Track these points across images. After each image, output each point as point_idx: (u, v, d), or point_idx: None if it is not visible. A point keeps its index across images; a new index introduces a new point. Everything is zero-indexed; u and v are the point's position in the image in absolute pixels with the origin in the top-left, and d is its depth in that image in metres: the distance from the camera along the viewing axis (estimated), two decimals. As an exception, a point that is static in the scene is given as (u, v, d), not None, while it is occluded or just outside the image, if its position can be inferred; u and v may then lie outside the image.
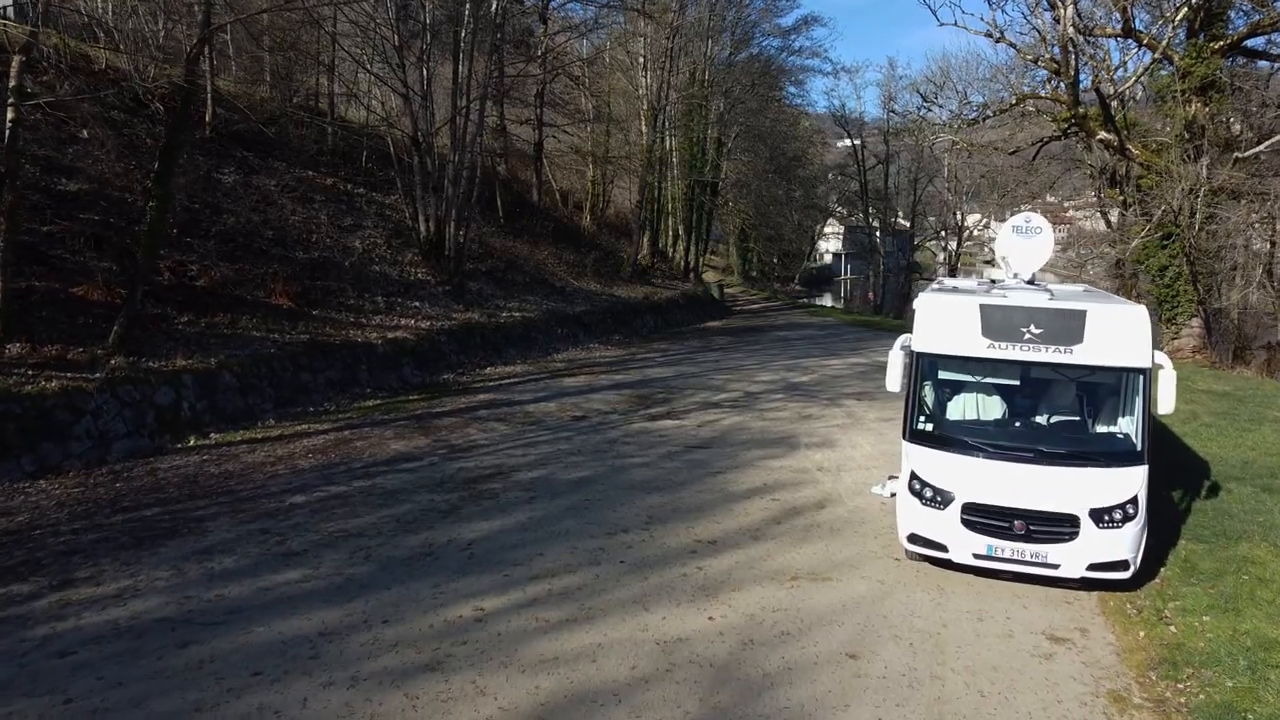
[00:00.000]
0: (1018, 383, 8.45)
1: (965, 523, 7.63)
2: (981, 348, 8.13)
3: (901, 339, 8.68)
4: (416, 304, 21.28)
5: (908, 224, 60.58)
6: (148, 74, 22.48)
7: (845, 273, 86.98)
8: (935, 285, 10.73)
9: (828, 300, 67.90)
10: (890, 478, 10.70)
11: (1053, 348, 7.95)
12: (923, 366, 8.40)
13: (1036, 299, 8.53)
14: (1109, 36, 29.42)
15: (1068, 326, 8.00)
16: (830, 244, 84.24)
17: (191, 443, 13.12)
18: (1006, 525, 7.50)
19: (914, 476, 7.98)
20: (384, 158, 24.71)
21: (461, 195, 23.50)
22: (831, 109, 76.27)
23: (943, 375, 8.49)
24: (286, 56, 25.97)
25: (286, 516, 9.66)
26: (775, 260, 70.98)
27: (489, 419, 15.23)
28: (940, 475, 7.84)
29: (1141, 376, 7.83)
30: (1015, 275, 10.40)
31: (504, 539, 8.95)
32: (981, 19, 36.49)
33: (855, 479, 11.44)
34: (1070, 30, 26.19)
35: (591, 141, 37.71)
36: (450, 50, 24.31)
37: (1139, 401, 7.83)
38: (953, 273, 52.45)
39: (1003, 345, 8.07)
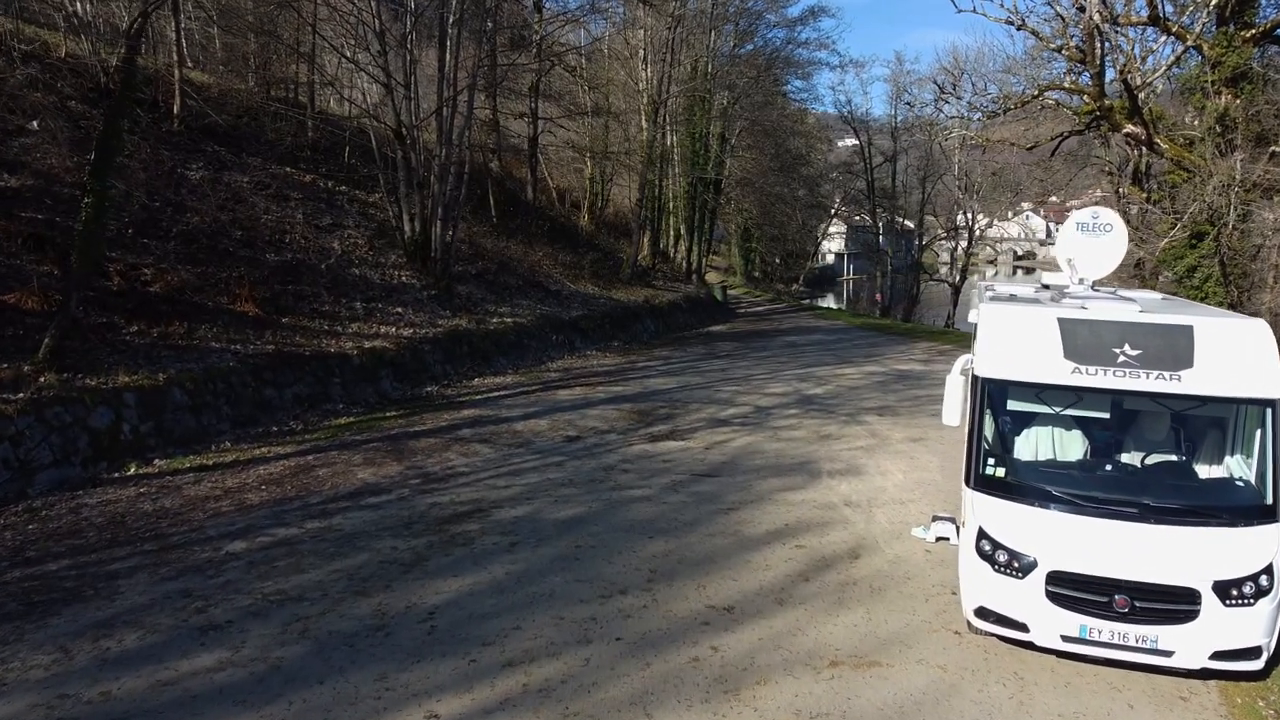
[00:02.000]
0: (1106, 415, 6.86)
1: (1051, 596, 6.04)
2: (1065, 373, 6.55)
3: (961, 361, 7.10)
4: (399, 310, 19.69)
5: (911, 224, 58.97)
6: (109, 62, 20.98)
7: (848, 273, 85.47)
8: (989, 292, 9.16)
9: (830, 301, 66.36)
10: (935, 518, 9.13)
11: (1155, 373, 6.37)
12: (990, 396, 6.80)
13: (1124, 311, 6.96)
14: (1133, 25, 27.90)
15: (1172, 346, 6.43)
16: (833, 244, 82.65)
17: (131, 471, 11.53)
18: (1105, 601, 5.91)
19: (983, 535, 6.38)
20: (368, 153, 23.13)
21: (449, 192, 21.91)
22: (838, 104, 74.73)
23: (1014, 406, 6.90)
24: (264, 44, 24.38)
25: (218, 571, 8.07)
26: (778, 260, 69.49)
27: (472, 439, 13.64)
28: (1017, 535, 6.25)
29: (1270, 410, 6.24)
30: (1081, 280, 8.82)
31: (475, 604, 7.36)
32: (1001, 5, 34.77)
33: (891, 517, 9.85)
34: (1096, 17, 24.63)
35: (590, 137, 36.12)
36: (436, 36, 22.72)
37: (1267, 441, 6.24)
38: (962, 274, 50.79)
39: (1091, 370, 6.49)
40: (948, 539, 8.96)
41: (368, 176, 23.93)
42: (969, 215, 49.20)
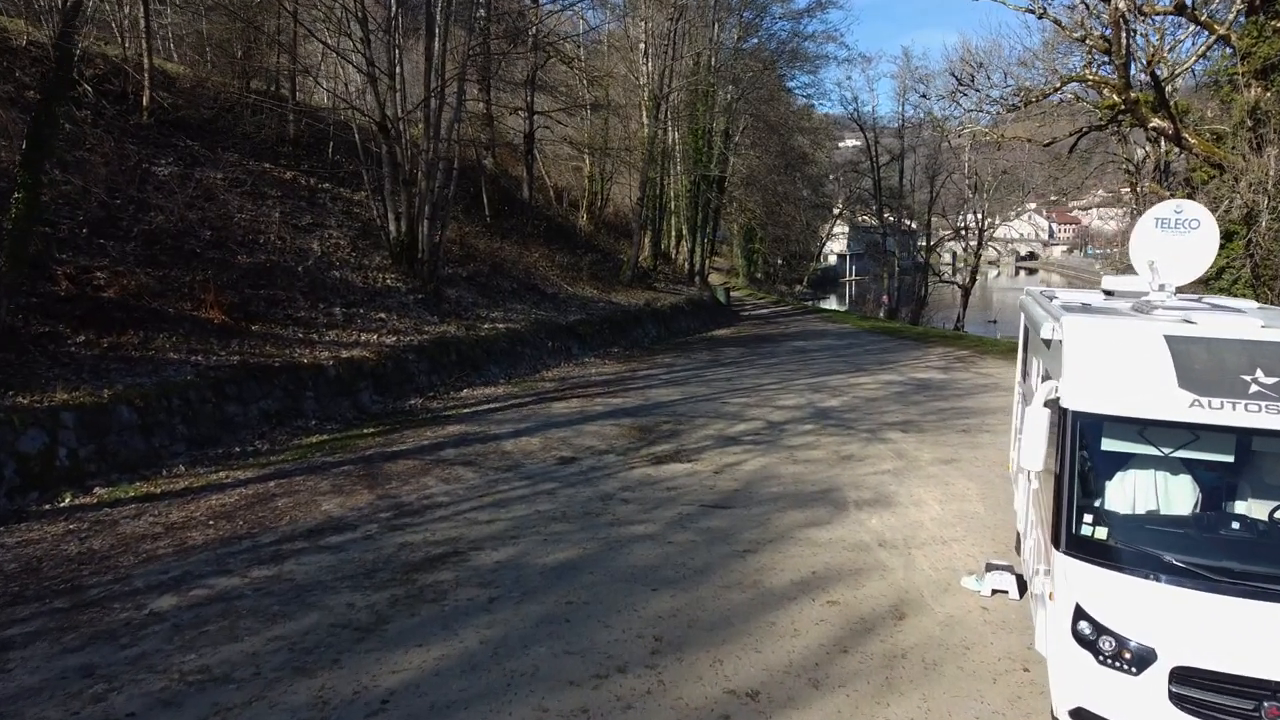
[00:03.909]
0: (1230, 459, 5.48)
1: (1177, 700, 4.66)
2: (1181, 407, 5.18)
3: (1045, 389, 5.72)
4: (382, 315, 18.32)
5: (913, 224, 57.56)
6: (75, 51, 19.63)
7: (850, 274, 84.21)
8: (1055, 300, 7.78)
9: (832, 303, 65.07)
10: (989, 567, 7.76)
11: (1301, 408, 5.00)
12: (1084, 435, 5.42)
13: (1243, 326, 5.59)
14: (1158, 14, 26.57)
15: None
16: (835, 244, 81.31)
17: (66, 502, 10.17)
18: (1250, 708, 4.54)
19: (1082, 615, 5.00)
20: (354, 148, 21.77)
21: (437, 190, 20.57)
22: (843, 102, 73.37)
23: (1114, 447, 5.51)
24: (241, 32, 23.01)
25: (134, 638, 6.70)
26: (780, 261, 68.18)
27: (455, 461, 12.28)
28: (1128, 616, 4.87)
29: None
30: (1161, 286, 7.45)
31: (439, 688, 5.98)
32: (1023, -7, 33.28)
33: (934, 562, 8.46)
34: (1121, 5, 23.30)
35: (589, 133, 34.76)
36: (424, 24, 21.36)
37: None
38: (973, 275, 49.39)
39: (1215, 403, 5.12)
40: (1005, 592, 7.60)
41: (353, 173, 22.57)
42: (978, 215, 47.84)
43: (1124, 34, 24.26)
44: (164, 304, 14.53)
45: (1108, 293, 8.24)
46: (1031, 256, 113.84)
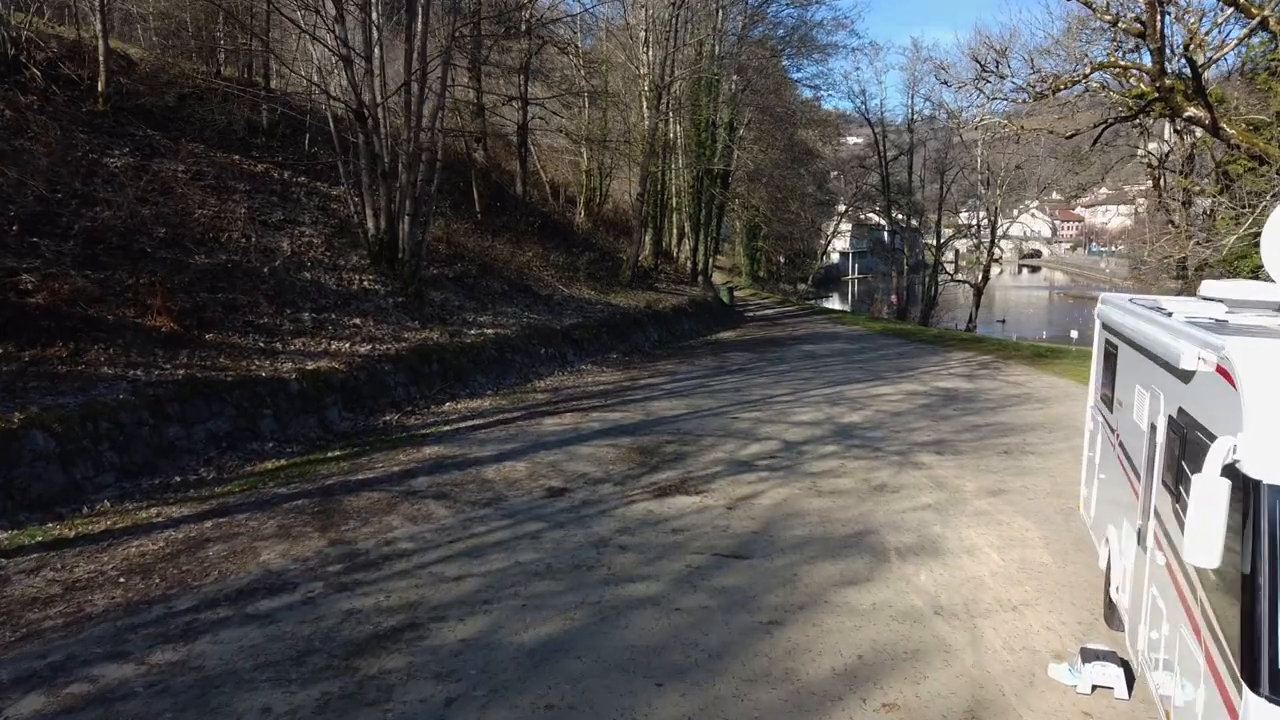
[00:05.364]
0: None
1: None
2: None
3: (1219, 450, 3.99)
4: (356, 321, 16.64)
5: (915, 223, 55.88)
6: (21, 32, 18.10)
7: (853, 272, 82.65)
8: (1172, 313, 6.11)
9: (835, 302, 63.54)
10: (1086, 654, 6.10)
11: None
12: (1289, 519, 3.74)
13: None
14: (1192, -4, 24.92)
15: None
16: (838, 241, 79.68)
17: (-44, 551, 8.51)
18: None
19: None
20: (332, 140, 20.08)
21: (420, 183, 18.87)
22: (850, 93, 71.70)
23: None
24: (210, 11, 21.32)
25: (-30, 767, 5.05)
26: (783, 260, 66.56)
27: (427, 493, 10.63)
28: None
29: None
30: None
31: None
32: (1050, -24, 31.70)
33: (1007, 638, 6.79)
34: (1157, -15, 21.60)
35: (586, 125, 33.05)
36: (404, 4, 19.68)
37: None
38: (985, 273, 47.68)
39: None
40: (1111, 689, 5.93)
41: (331, 166, 20.89)
42: (991, 211, 46.13)
43: (1159, 16, 22.58)
44: (102, 310, 12.86)
45: (1221, 301, 6.54)
46: (1036, 254, 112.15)
